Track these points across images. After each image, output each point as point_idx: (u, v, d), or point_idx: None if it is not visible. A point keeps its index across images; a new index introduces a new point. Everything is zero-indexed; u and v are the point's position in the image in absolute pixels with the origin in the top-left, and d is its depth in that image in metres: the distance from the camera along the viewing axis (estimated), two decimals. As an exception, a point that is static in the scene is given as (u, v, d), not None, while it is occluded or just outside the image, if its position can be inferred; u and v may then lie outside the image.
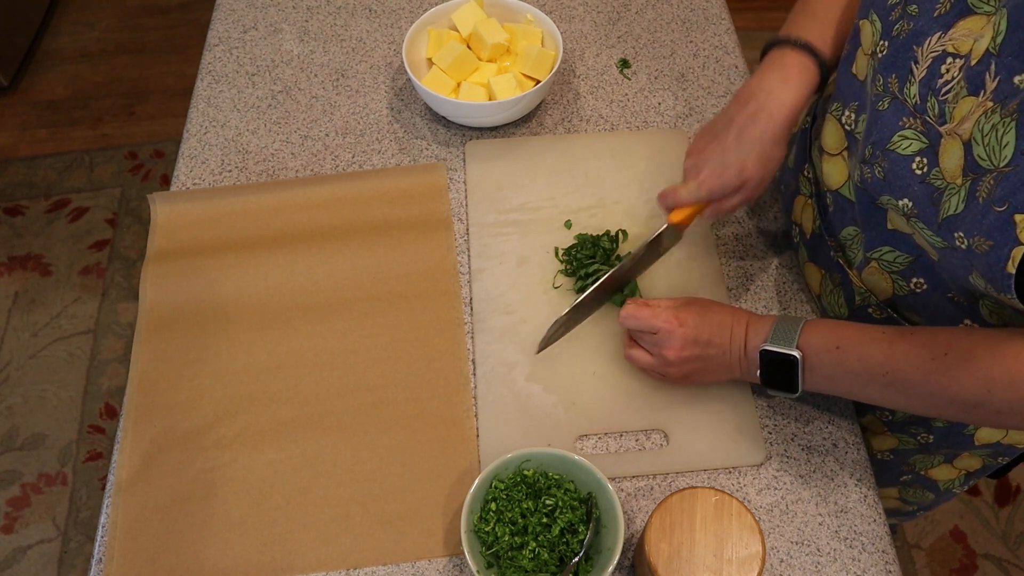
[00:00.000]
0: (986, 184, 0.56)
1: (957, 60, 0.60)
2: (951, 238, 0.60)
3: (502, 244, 0.95)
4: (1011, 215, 0.55)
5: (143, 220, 2.13)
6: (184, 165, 1.03)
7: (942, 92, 0.61)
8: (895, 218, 0.70)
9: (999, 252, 0.56)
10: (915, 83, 0.63)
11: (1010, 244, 0.55)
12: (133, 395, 0.85)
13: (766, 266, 0.94)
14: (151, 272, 0.93)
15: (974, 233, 0.57)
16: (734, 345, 0.75)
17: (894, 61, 0.65)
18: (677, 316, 0.76)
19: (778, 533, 0.76)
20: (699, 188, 0.79)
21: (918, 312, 0.74)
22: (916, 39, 0.63)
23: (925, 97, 0.62)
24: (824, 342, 0.71)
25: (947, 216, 0.60)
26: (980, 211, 0.57)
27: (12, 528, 1.68)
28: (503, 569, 0.70)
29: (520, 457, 0.74)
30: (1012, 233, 0.55)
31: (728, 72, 1.13)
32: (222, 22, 1.20)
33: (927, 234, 0.63)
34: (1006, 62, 0.56)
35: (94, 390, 1.85)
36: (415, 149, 1.05)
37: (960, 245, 0.59)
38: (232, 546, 0.76)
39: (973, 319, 0.70)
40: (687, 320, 0.76)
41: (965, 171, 0.58)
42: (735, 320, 0.76)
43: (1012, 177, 0.54)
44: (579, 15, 1.20)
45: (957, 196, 0.59)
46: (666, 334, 0.76)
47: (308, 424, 0.83)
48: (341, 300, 0.91)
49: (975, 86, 0.58)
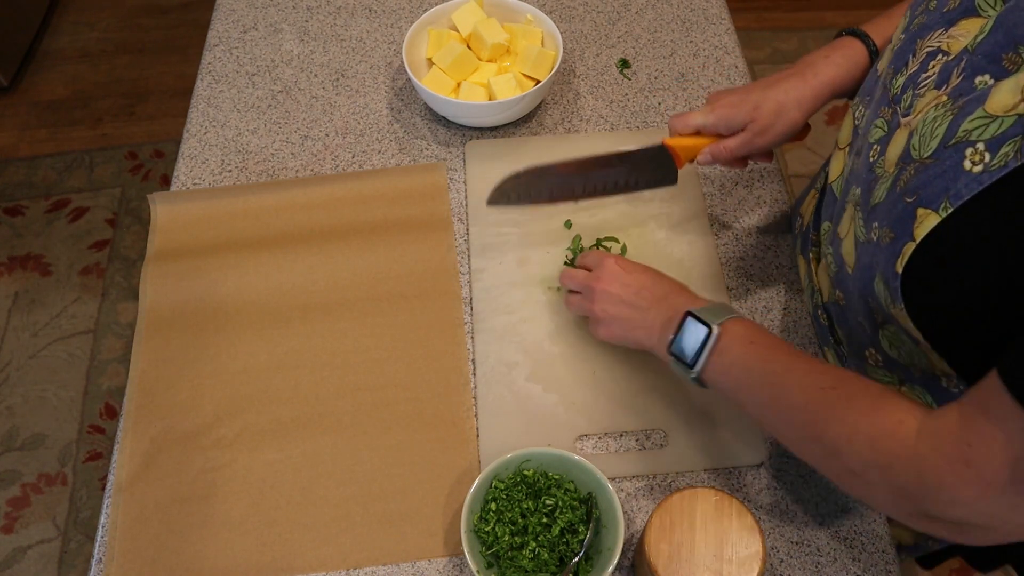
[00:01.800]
0: (907, 173, 0.56)
1: (944, 58, 0.59)
2: (870, 229, 0.59)
3: (502, 244, 0.95)
4: (915, 208, 0.53)
5: (143, 220, 2.13)
6: (184, 165, 1.03)
7: (920, 86, 0.60)
8: (847, 215, 0.69)
9: (895, 247, 0.55)
10: (904, 75, 0.63)
11: (905, 238, 0.54)
12: (133, 395, 0.85)
13: (765, 265, 0.94)
14: (151, 272, 0.93)
15: (884, 223, 0.57)
16: (664, 305, 0.75)
17: (901, 52, 0.65)
18: (616, 257, 0.80)
19: (778, 533, 0.76)
20: (711, 111, 0.82)
21: (840, 326, 0.75)
22: (922, 32, 0.63)
23: (905, 89, 0.62)
24: (743, 333, 0.69)
25: (873, 204, 0.59)
26: (894, 200, 0.56)
27: (12, 528, 1.68)
28: (503, 569, 0.70)
29: (520, 457, 0.74)
30: (910, 227, 0.53)
31: (728, 72, 1.13)
32: (222, 22, 1.20)
33: (860, 225, 0.63)
34: (975, 60, 0.55)
35: (94, 390, 1.85)
36: (415, 149, 1.05)
37: (873, 236, 0.58)
38: (232, 546, 0.76)
39: (876, 348, 0.68)
40: (624, 263, 0.79)
41: (899, 160, 0.58)
42: (677, 288, 0.77)
43: (930, 169, 0.53)
44: (579, 15, 1.20)
45: (885, 184, 0.58)
46: (599, 269, 0.80)
47: (308, 424, 0.83)
48: (341, 300, 0.91)
49: (942, 80, 0.58)
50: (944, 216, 0.52)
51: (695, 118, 0.83)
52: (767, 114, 0.79)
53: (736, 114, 0.80)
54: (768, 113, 0.79)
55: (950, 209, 0.51)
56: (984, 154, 0.50)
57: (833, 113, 2.29)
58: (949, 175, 0.52)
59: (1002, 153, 0.49)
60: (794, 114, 0.79)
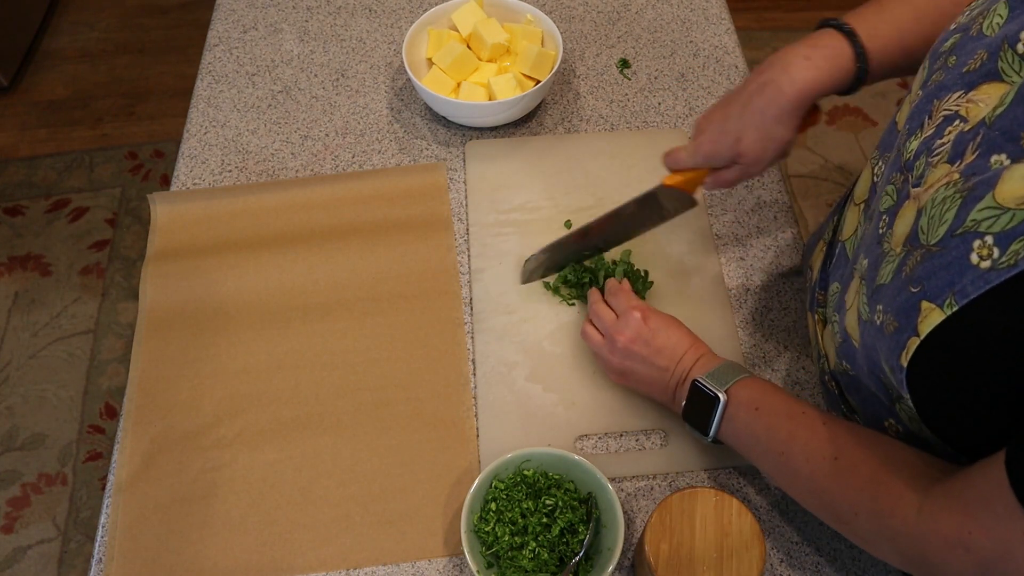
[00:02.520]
0: (913, 259, 0.52)
1: (961, 124, 0.54)
2: (874, 311, 0.56)
3: (502, 244, 0.95)
4: (919, 300, 0.50)
5: (143, 220, 2.13)
6: (184, 165, 1.03)
7: (934, 153, 0.56)
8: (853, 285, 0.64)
9: (899, 338, 0.52)
10: (919, 138, 0.58)
11: (909, 332, 0.51)
12: (133, 395, 0.85)
13: (766, 265, 0.94)
14: (151, 272, 0.93)
15: (889, 309, 0.53)
16: (679, 367, 0.75)
17: (917, 112, 0.60)
18: (645, 311, 0.78)
19: (778, 533, 0.76)
20: (694, 151, 0.77)
21: (851, 393, 0.70)
22: (940, 92, 0.58)
23: (918, 155, 0.57)
24: (749, 398, 0.69)
25: (878, 284, 0.56)
26: (899, 286, 0.52)
27: (12, 528, 1.68)
28: (503, 569, 0.70)
29: (520, 457, 0.74)
30: (914, 321, 0.50)
31: (728, 72, 1.13)
32: (222, 22, 1.20)
33: (863, 301, 0.59)
34: (992, 135, 0.51)
35: (94, 390, 1.85)
36: (415, 149, 1.05)
37: (877, 320, 0.55)
38: (232, 546, 0.76)
39: (895, 419, 0.64)
40: (650, 319, 0.77)
41: (907, 241, 0.54)
42: (693, 347, 0.76)
43: (936, 259, 0.50)
44: (579, 15, 1.20)
45: (892, 265, 0.54)
46: (624, 320, 0.78)
47: (308, 424, 0.83)
48: (341, 300, 0.91)
49: (957, 154, 0.53)
50: (949, 314, 0.48)
51: (683, 159, 0.79)
52: (752, 144, 0.74)
53: (720, 150, 0.76)
54: (752, 143, 0.74)
55: (955, 307, 0.48)
56: (993, 248, 0.46)
57: (833, 114, 2.29)
58: (955, 268, 0.48)
59: (1012, 251, 0.45)
60: (780, 132, 0.74)
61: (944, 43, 0.60)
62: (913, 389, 0.52)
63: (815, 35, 0.73)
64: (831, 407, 0.74)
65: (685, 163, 0.79)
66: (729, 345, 0.87)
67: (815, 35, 0.73)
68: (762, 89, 0.73)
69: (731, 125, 0.75)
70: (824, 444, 0.63)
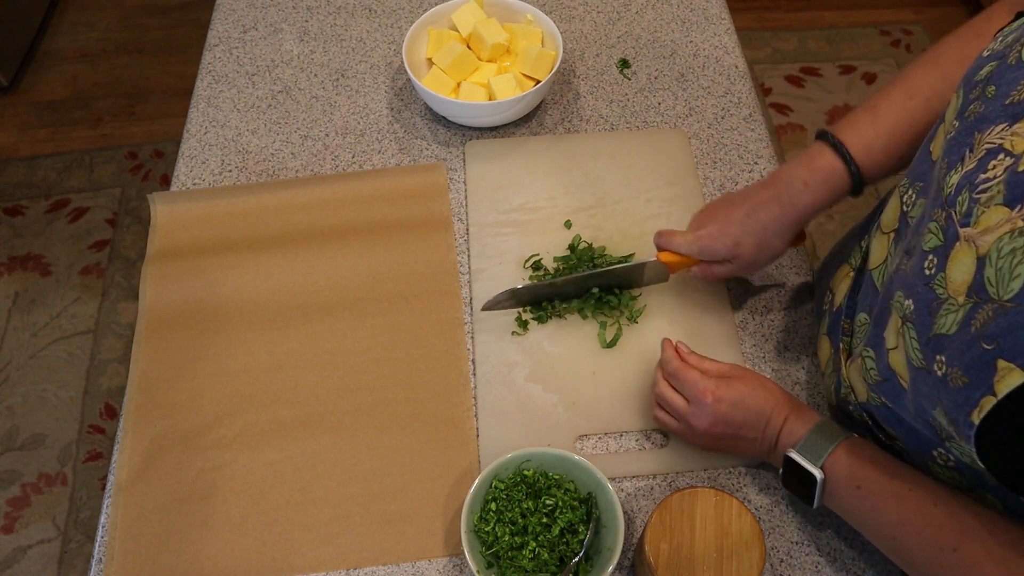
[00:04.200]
0: (984, 313, 0.49)
1: (1007, 159, 0.52)
2: (932, 360, 0.53)
3: (502, 244, 0.95)
4: (995, 358, 0.47)
5: (143, 220, 2.13)
6: (184, 165, 1.03)
7: (978, 189, 0.53)
8: (892, 324, 0.61)
9: (969, 394, 0.49)
10: (959, 172, 0.55)
11: (983, 390, 0.48)
12: (133, 395, 0.85)
13: (766, 269, 0.94)
14: (151, 272, 0.93)
15: (955, 363, 0.50)
16: (767, 436, 0.72)
17: (956, 144, 0.57)
18: (716, 391, 0.72)
19: (778, 533, 0.76)
20: (694, 242, 0.81)
21: (891, 425, 0.67)
22: (980, 125, 0.55)
23: (960, 189, 0.54)
24: (847, 475, 0.66)
25: (937, 333, 0.53)
26: (969, 341, 0.49)
27: (12, 528, 1.68)
28: (503, 569, 0.70)
29: (520, 457, 0.74)
30: (989, 379, 0.48)
31: (728, 72, 1.13)
32: (222, 22, 1.20)
33: (914, 347, 0.56)
34: None
35: (94, 390, 1.85)
36: (415, 149, 1.05)
37: (937, 371, 0.53)
38: (232, 546, 0.76)
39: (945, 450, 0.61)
40: (725, 397, 0.72)
41: (971, 291, 0.50)
42: (775, 411, 0.72)
43: (1011, 316, 0.47)
44: (579, 15, 1.20)
45: (954, 316, 0.51)
46: (699, 405, 0.73)
47: (308, 424, 0.83)
48: (341, 300, 0.91)
49: (1014, 196, 0.50)
50: None
51: (678, 244, 0.82)
52: (749, 251, 0.79)
53: (717, 248, 0.80)
54: (750, 249, 0.78)
55: None
56: None
57: (833, 113, 2.29)
58: None
59: None
60: (776, 244, 0.79)
61: (979, 71, 0.58)
62: (982, 445, 0.50)
63: (811, 153, 0.77)
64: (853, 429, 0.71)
65: (679, 248, 0.82)
66: (729, 345, 0.87)
67: (811, 153, 0.77)
68: (767, 204, 0.78)
69: (733, 229, 0.79)
70: (940, 532, 0.60)
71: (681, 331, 0.88)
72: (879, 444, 0.71)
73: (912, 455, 0.67)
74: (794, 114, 2.31)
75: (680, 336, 0.87)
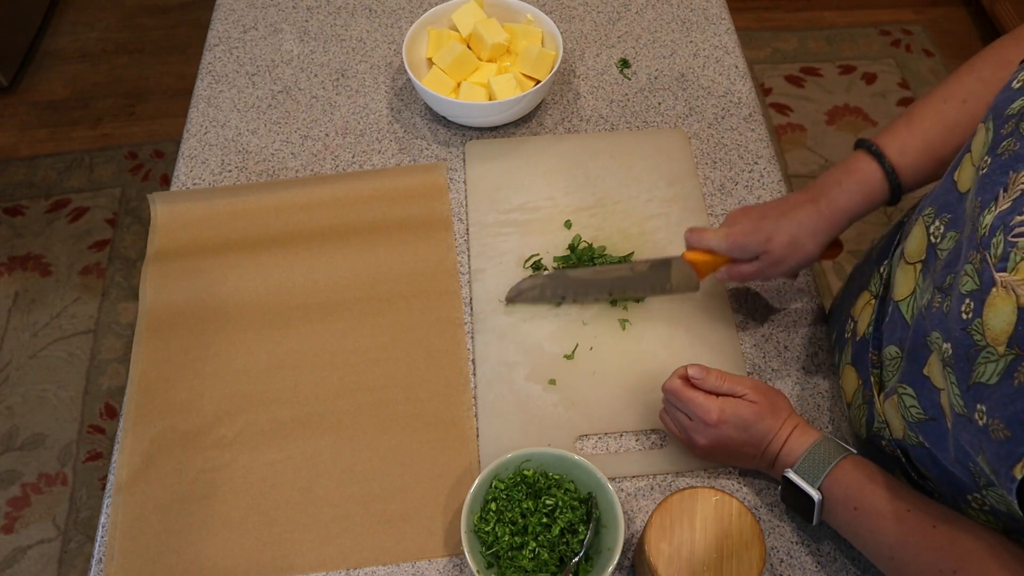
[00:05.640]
0: None
1: None
2: (973, 408, 0.52)
3: (502, 244, 0.95)
4: None
5: (143, 220, 2.13)
6: (184, 165, 1.03)
7: (1013, 231, 0.51)
8: (934, 363, 0.59)
9: (1013, 448, 0.48)
10: (993, 212, 0.54)
11: None
12: (133, 395, 0.85)
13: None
14: (151, 272, 0.93)
15: (996, 414, 0.49)
16: (767, 454, 0.73)
17: (989, 183, 0.56)
18: (721, 413, 0.72)
19: (778, 533, 0.76)
20: (725, 237, 0.80)
21: (927, 466, 0.66)
22: (1016, 164, 0.54)
23: (995, 230, 0.52)
24: (845, 496, 0.67)
25: (977, 382, 0.51)
26: (1011, 394, 0.48)
27: (12, 528, 1.68)
28: (503, 569, 0.70)
29: (520, 457, 0.74)
30: None
31: (728, 72, 1.13)
32: (222, 22, 1.20)
33: (955, 392, 0.54)
34: None
35: (94, 390, 1.85)
36: (415, 149, 1.05)
37: (979, 420, 0.51)
38: (232, 546, 0.76)
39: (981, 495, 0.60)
40: (728, 419, 0.72)
41: (1012, 341, 0.49)
42: (780, 431, 0.72)
43: None
44: (579, 15, 1.20)
45: (995, 366, 0.50)
46: (701, 424, 0.73)
47: (308, 424, 0.83)
48: (341, 300, 0.91)
49: None
50: None
51: (709, 240, 0.81)
52: (780, 246, 0.77)
53: (749, 243, 0.78)
54: (781, 245, 0.77)
55: None
56: None
57: (833, 113, 2.29)
58: None
59: None
60: (808, 246, 0.77)
61: (1010, 104, 0.57)
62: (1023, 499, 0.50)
63: (849, 159, 0.77)
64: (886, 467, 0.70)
65: (710, 245, 0.81)
66: (729, 347, 0.87)
67: (849, 159, 0.77)
68: (803, 205, 0.77)
69: (767, 225, 0.78)
70: (940, 555, 0.59)
71: (682, 333, 0.88)
72: (910, 482, 0.70)
73: (944, 497, 0.66)
74: (794, 114, 2.31)
75: (681, 338, 0.87)
